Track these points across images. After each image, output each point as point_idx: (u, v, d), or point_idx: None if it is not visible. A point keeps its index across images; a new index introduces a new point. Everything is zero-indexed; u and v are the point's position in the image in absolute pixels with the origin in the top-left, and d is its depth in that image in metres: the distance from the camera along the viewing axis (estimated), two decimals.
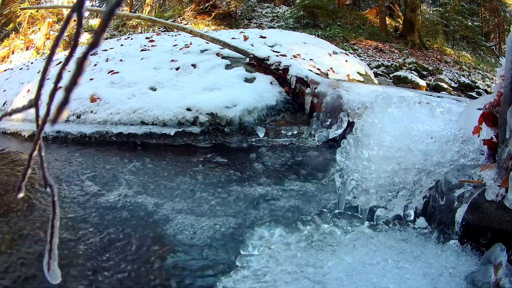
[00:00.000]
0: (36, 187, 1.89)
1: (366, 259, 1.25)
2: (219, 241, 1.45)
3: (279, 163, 2.31)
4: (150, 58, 3.78)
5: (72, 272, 1.23)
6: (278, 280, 1.14)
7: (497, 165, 1.22)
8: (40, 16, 13.87)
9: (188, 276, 1.25)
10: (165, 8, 17.75)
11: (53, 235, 0.48)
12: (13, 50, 13.33)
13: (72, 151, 2.60)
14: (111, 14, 0.37)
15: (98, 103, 2.98)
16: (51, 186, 0.47)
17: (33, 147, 0.44)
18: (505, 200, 1.15)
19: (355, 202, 1.63)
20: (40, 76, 0.42)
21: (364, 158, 1.64)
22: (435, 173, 1.51)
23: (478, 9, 17.59)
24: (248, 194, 1.87)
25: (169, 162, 2.33)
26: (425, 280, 1.13)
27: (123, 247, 1.40)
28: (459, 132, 1.57)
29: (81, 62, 0.36)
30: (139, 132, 2.70)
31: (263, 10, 15.80)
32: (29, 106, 0.43)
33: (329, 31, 13.11)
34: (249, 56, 3.49)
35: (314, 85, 2.87)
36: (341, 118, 2.39)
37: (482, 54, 15.95)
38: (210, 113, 2.70)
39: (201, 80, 3.14)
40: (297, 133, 2.71)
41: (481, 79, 12.02)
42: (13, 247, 1.39)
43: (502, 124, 1.30)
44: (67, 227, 1.52)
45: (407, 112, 1.70)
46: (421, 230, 1.44)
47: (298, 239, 1.39)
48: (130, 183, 1.99)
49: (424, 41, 13.51)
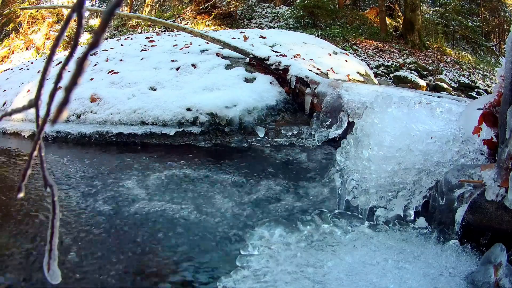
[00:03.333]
0: (36, 187, 1.89)
1: (366, 259, 1.25)
2: (219, 241, 1.45)
3: (279, 163, 2.31)
4: (150, 58, 3.78)
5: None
6: (278, 280, 1.14)
7: (497, 165, 1.22)
8: (40, 16, 13.88)
9: (188, 276, 1.25)
10: (165, 8, 17.75)
11: (53, 235, 0.48)
12: (13, 50, 13.33)
13: (72, 151, 2.60)
14: (111, 14, 0.37)
15: (98, 103, 2.98)
16: (51, 186, 0.47)
17: (33, 147, 0.44)
18: (505, 200, 1.15)
19: (355, 202, 1.63)
20: (40, 76, 0.42)
21: (364, 158, 1.64)
22: (435, 173, 1.50)
23: (478, 9, 17.58)
24: (248, 194, 1.87)
25: (169, 162, 2.33)
26: (425, 280, 1.13)
27: (122, 247, 1.40)
28: (459, 132, 1.57)
29: (81, 62, 0.36)
30: (139, 132, 2.70)
31: (263, 10, 15.80)
32: (29, 106, 0.43)
33: (329, 31, 13.11)
34: (249, 56, 3.49)
35: (314, 85, 2.87)
36: (341, 118, 2.39)
37: (482, 54, 15.95)
38: (210, 113, 2.70)
39: (201, 80, 3.14)
40: (297, 133, 2.71)
41: (481, 79, 12.01)
42: (13, 247, 1.39)
43: (502, 124, 1.30)
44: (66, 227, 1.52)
45: (407, 112, 1.70)
46: (421, 230, 1.44)
47: (298, 239, 1.39)
48: (130, 183, 1.99)
49: (424, 41, 13.50)
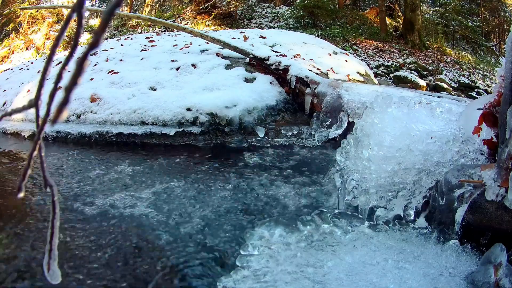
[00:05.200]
0: (36, 187, 1.89)
1: (366, 259, 1.25)
2: (219, 241, 1.45)
3: (279, 163, 2.31)
4: (150, 58, 3.78)
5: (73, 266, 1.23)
6: (278, 280, 1.14)
7: (497, 165, 1.22)
8: (40, 16, 13.87)
9: (188, 276, 1.25)
10: (165, 8, 17.74)
11: (53, 235, 0.48)
12: (13, 50, 13.33)
13: (72, 151, 2.60)
14: (111, 14, 0.37)
15: (98, 103, 2.98)
16: (51, 186, 0.47)
17: (33, 147, 0.44)
18: (505, 200, 1.15)
19: (355, 202, 1.63)
20: (40, 76, 0.42)
21: (364, 158, 1.64)
22: (435, 173, 1.50)
23: (478, 9, 17.58)
24: (248, 194, 1.87)
25: (168, 162, 2.33)
26: (425, 280, 1.13)
27: (122, 247, 1.39)
28: (459, 132, 1.57)
29: (81, 62, 0.36)
30: (139, 132, 2.70)
31: (263, 10, 15.80)
32: (29, 106, 0.43)
33: (329, 31, 13.11)
34: (249, 56, 3.49)
35: (314, 85, 2.87)
36: (341, 118, 2.39)
37: (482, 54, 15.95)
38: (210, 113, 2.70)
39: (201, 80, 3.14)
40: (297, 133, 2.70)
41: (481, 79, 12.01)
42: (13, 247, 1.39)
43: (502, 124, 1.30)
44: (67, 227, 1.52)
45: (407, 112, 1.70)
46: (421, 230, 1.44)
47: (298, 239, 1.39)
48: (129, 183, 1.99)
49: (424, 41, 13.51)
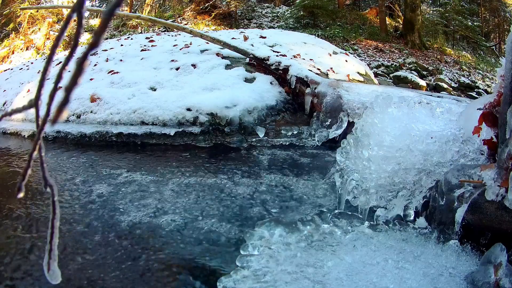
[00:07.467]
0: (36, 187, 1.89)
1: (366, 259, 1.25)
2: (219, 241, 1.45)
3: (279, 163, 2.31)
4: (150, 58, 3.78)
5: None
6: (278, 280, 1.14)
7: (497, 165, 1.22)
8: (40, 16, 13.88)
9: (188, 276, 1.25)
10: (165, 8, 17.74)
11: (53, 235, 0.48)
12: (13, 50, 13.33)
13: (72, 151, 2.60)
14: (111, 14, 0.37)
15: (98, 103, 2.98)
16: (51, 186, 0.47)
17: (33, 147, 0.44)
18: (505, 200, 1.15)
19: (355, 202, 1.63)
20: (40, 76, 0.42)
21: (364, 158, 1.64)
22: (435, 173, 1.50)
23: (478, 9, 17.58)
24: (248, 194, 1.87)
25: (168, 162, 2.33)
26: (425, 280, 1.13)
27: (121, 246, 1.39)
28: (459, 132, 1.57)
29: (81, 62, 0.36)
30: (139, 132, 2.70)
31: (263, 10, 15.80)
32: (29, 106, 0.43)
33: (329, 31, 13.11)
34: (249, 56, 3.49)
35: (314, 85, 2.87)
36: (341, 118, 2.39)
37: (482, 54, 15.95)
38: (210, 113, 2.70)
39: (201, 80, 3.14)
40: (297, 133, 2.70)
41: (481, 79, 12.01)
42: (13, 247, 1.39)
43: (502, 124, 1.30)
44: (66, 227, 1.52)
45: (407, 112, 1.70)
46: (421, 230, 1.44)
47: (298, 239, 1.39)
48: (129, 184, 1.99)
49: (424, 41, 13.51)
